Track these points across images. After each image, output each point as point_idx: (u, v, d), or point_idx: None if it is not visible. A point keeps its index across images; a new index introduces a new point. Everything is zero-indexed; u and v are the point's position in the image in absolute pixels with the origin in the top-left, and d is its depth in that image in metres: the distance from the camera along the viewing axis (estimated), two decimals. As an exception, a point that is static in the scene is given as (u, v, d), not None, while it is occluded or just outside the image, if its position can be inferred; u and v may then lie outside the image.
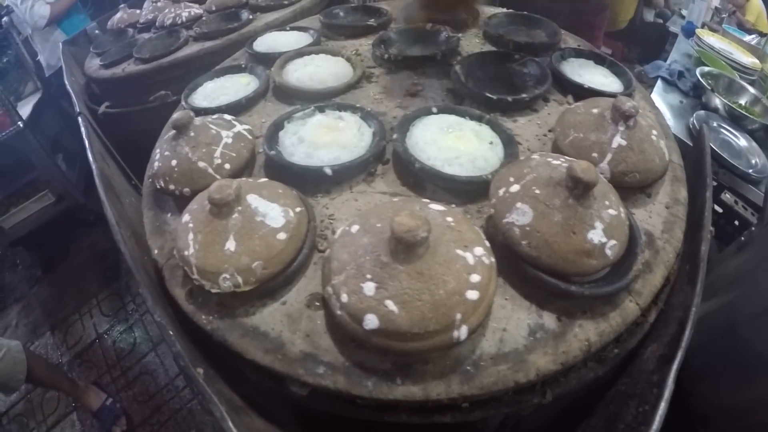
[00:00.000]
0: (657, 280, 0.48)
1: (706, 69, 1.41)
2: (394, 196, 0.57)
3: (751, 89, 1.39)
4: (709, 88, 1.32)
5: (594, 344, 0.43)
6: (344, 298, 0.38)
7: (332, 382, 0.41)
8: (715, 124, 1.27)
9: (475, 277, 0.39)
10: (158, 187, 0.58)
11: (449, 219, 0.44)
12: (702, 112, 1.28)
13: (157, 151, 0.62)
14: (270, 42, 0.89)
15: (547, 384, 0.44)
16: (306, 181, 0.57)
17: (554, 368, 0.41)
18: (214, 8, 1.19)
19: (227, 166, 0.57)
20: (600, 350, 0.44)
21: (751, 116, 1.28)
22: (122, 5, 1.36)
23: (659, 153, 0.54)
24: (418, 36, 0.86)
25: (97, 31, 1.42)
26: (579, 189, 0.43)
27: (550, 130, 0.64)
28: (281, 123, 0.64)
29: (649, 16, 2.52)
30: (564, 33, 0.86)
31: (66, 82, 1.11)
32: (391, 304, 0.37)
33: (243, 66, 0.83)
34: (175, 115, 0.58)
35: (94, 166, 0.74)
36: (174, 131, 0.59)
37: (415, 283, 0.37)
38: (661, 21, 2.52)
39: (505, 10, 0.95)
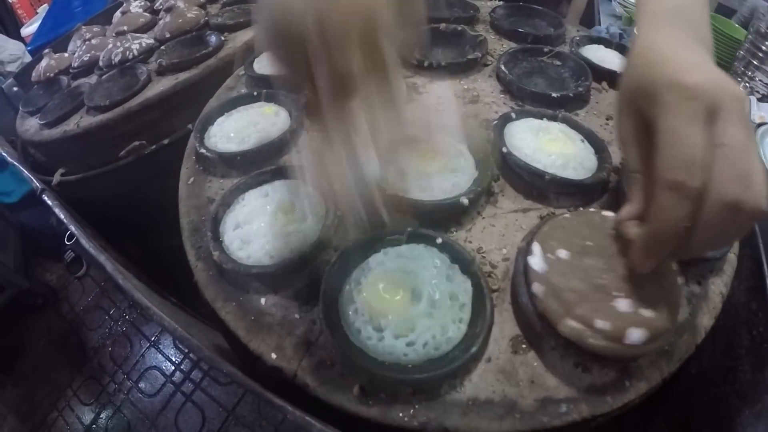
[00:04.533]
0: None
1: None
2: (525, 212, 0.48)
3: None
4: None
5: (725, 295, 0.46)
6: (600, 324, 0.35)
7: (578, 415, 0.37)
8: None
9: None
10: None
11: None
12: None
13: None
14: (274, 64, 0.73)
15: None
16: (433, 219, 0.46)
17: (712, 323, 0.44)
18: (168, 35, 0.97)
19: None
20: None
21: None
22: (46, 51, 1.07)
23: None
24: (438, 38, 0.76)
25: (15, 89, 1.11)
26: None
27: (607, 119, 0.63)
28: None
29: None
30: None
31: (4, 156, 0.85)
32: (646, 311, 0.35)
33: (255, 94, 0.66)
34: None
35: (109, 267, 0.55)
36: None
37: (654, 281, 0.36)
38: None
39: (499, 1, 0.89)
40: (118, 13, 1.16)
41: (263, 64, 0.72)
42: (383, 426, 0.36)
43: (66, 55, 1.09)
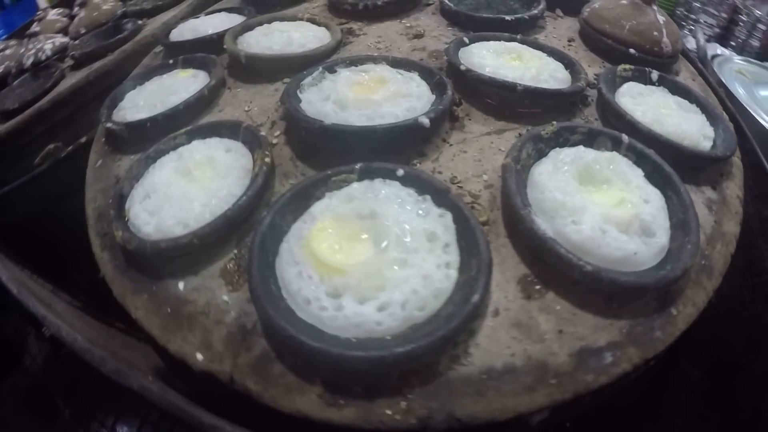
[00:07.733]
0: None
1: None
2: (500, 133, 0.40)
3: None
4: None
5: (742, 198, 0.43)
6: None
7: (628, 363, 0.29)
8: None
9: None
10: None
11: None
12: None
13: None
14: (193, 29, 0.63)
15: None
16: (388, 150, 0.37)
17: (739, 230, 0.40)
18: (83, 30, 0.86)
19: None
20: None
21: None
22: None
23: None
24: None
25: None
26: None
27: (569, 40, 0.58)
28: (294, 93, 0.42)
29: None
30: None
31: None
32: None
33: (171, 62, 0.56)
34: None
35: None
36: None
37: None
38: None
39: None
40: (35, 23, 1.06)
41: (179, 33, 0.63)
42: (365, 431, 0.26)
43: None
